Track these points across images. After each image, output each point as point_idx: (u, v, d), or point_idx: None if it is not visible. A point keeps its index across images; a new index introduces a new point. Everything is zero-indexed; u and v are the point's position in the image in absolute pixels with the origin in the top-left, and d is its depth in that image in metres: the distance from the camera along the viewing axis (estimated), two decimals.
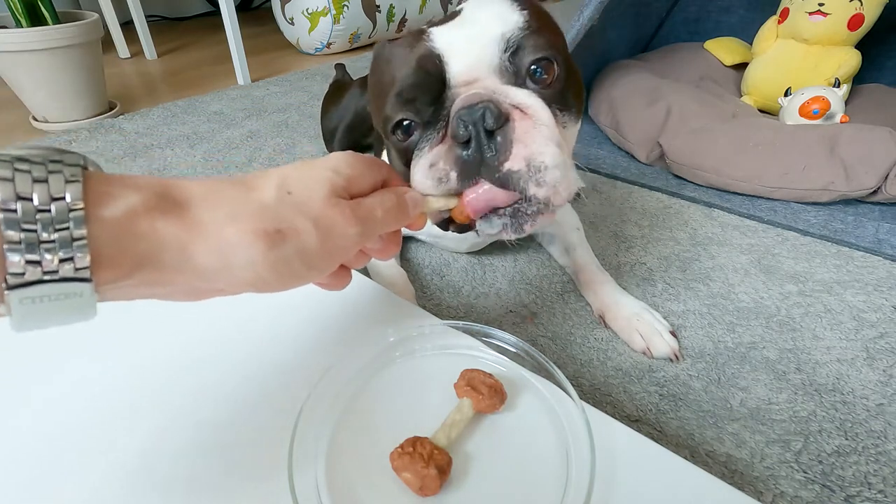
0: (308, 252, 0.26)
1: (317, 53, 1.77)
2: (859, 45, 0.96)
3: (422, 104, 0.38)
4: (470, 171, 0.35)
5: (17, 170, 0.20)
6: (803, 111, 0.89)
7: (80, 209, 0.20)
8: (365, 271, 0.61)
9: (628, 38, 1.24)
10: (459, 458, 0.31)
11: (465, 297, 0.61)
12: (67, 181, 0.20)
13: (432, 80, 0.37)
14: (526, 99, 0.36)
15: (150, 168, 0.92)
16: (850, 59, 0.95)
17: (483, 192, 0.35)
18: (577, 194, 0.39)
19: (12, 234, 0.19)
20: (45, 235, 0.20)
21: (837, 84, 0.90)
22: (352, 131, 0.87)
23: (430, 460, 0.29)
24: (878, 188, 0.75)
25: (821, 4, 0.92)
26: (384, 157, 0.51)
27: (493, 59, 0.37)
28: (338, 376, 0.36)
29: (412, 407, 0.35)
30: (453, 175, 0.36)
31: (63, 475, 0.31)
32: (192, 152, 0.99)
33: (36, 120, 1.13)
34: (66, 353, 0.39)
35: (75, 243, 0.20)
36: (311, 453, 0.31)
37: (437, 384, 0.36)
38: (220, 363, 0.39)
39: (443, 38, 0.38)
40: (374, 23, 1.75)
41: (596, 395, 0.48)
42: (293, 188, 0.27)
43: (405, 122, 0.39)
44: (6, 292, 0.19)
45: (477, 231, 0.38)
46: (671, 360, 0.51)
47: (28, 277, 0.19)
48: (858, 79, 1.00)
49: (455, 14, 0.41)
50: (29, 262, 0.19)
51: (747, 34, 1.15)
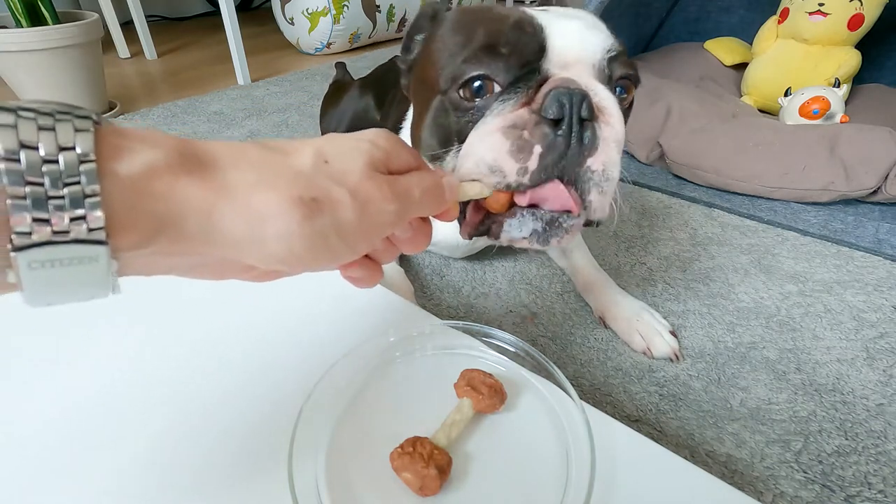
0: (345, 226, 0.24)
1: (317, 53, 1.77)
2: (859, 45, 0.96)
3: (512, 62, 0.34)
4: (556, 154, 0.32)
5: (20, 116, 0.17)
6: (803, 111, 0.89)
7: (92, 161, 0.18)
8: None
9: (628, 38, 1.24)
10: (459, 458, 0.31)
11: (465, 297, 0.61)
12: (77, 130, 0.18)
13: (531, 43, 0.34)
14: (612, 107, 0.34)
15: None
16: (850, 59, 0.95)
17: (551, 186, 0.33)
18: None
19: (16, 189, 0.17)
20: (53, 190, 0.17)
21: (837, 84, 0.90)
22: (351, 132, 0.87)
23: (430, 460, 0.29)
24: (878, 188, 0.75)
25: (821, 4, 0.92)
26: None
27: (595, 54, 0.35)
28: (338, 376, 0.36)
29: (412, 407, 0.35)
30: (537, 149, 0.32)
31: (63, 475, 0.31)
32: None
33: None
34: (65, 354, 0.39)
35: (87, 200, 0.18)
36: (311, 453, 0.31)
37: (437, 384, 0.36)
38: (219, 363, 0.39)
39: (545, 17, 0.36)
40: (374, 23, 1.75)
41: (596, 395, 0.48)
42: (331, 158, 0.25)
43: (479, 82, 0.35)
44: (12, 254, 0.17)
45: (499, 232, 0.35)
46: (671, 359, 0.51)
47: (36, 238, 0.17)
48: (858, 79, 1.00)
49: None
50: (36, 220, 0.17)
51: (747, 34, 1.15)
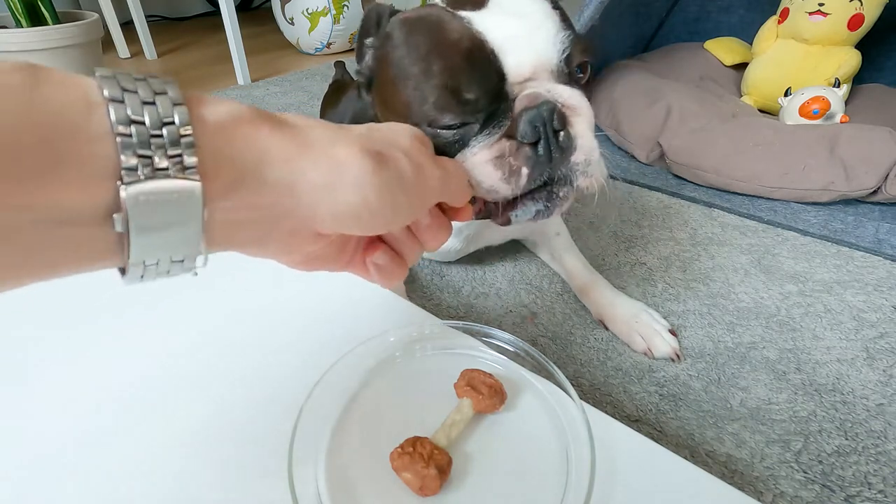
0: (406, 180, 0.26)
1: (317, 53, 1.77)
2: (859, 45, 0.96)
3: (482, 104, 0.36)
4: (541, 168, 0.36)
5: (116, 73, 0.19)
6: (803, 111, 0.89)
7: (183, 105, 0.20)
8: None
9: (628, 38, 1.24)
10: (459, 458, 0.31)
11: (465, 297, 0.61)
12: (167, 83, 0.20)
13: (490, 78, 0.36)
14: (577, 101, 0.37)
15: None
16: (850, 59, 0.95)
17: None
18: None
19: (124, 128, 0.19)
20: (154, 130, 0.19)
21: (837, 84, 0.90)
22: None
23: (430, 460, 0.29)
24: (878, 188, 0.75)
25: (821, 4, 0.92)
26: None
27: (551, 59, 0.37)
28: (338, 376, 0.36)
29: (412, 407, 0.35)
30: (524, 171, 0.36)
31: (62, 475, 0.31)
32: None
33: None
34: (65, 354, 0.39)
35: (183, 140, 0.19)
36: (311, 453, 0.31)
37: (437, 384, 0.36)
38: (219, 363, 0.39)
39: (492, 29, 0.36)
40: None
41: (596, 395, 0.48)
42: (381, 130, 0.28)
43: (457, 123, 0.37)
44: (123, 190, 0.18)
45: (508, 220, 0.39)
46: (672, 359, 0.51)
47: (142, 174, 0.19)
48: (858, 79, 1.00)
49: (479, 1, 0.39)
50: (141, 156, 0.19)
51: (747, 34, 1.15)
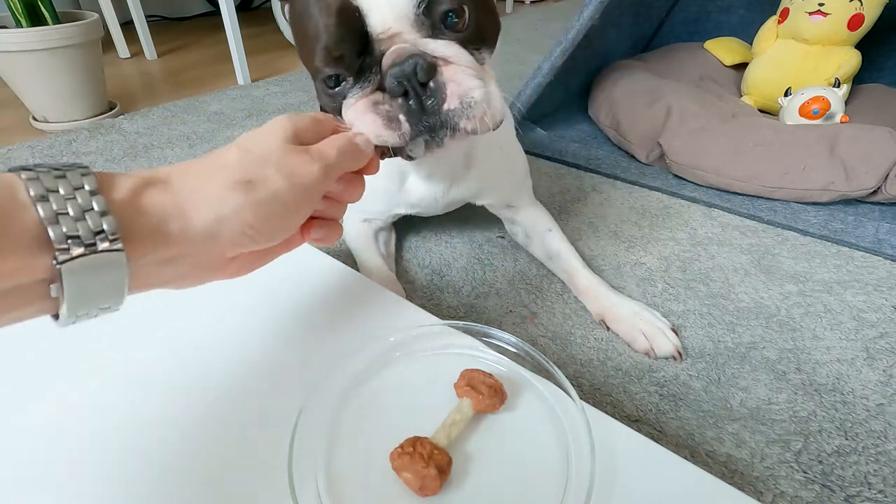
0: (280, 194, 0.30)
1: None
2: (859, 45, 0.96)
3: (349, 60, 0.40)
4: (416, 114, 0.39)
5: (38, 172, 0.24)
6: (803, 111, 0.89)
7: (99, 193, 0.24)
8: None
9: (628, 38, 1.24)
10: (459, 458, 0.31)
11: (465, 297, 0.61)
12: (83, 175, 0.24)
13: (355, 36, 0.39)
14: (446, 50, 0.40)
15: (151, 168, 0.92)
16: (850, 59, 0.95)
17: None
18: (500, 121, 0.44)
19: (52, 219, 0.23)
20: (78, 217, 0.23)
21: (837, 84, 0.90)
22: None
23: (430, 460, 0.29)
24: (878, 188, 0.75)
25: (821, 4, 0.92)
26: None
27: (407, 12, 0.39)
28: (338, 376, 0.36)
29: (412, 407, 0.35)
30: (402, 119, 0.39)
31: (61, 475, 0.31)
32: (192, 152, 0.99)
33: (36, 120, 1.13)
34: (65, 353, 0.39)
35: (103, 219, 0.24)
36: (311, 453, 0.31)
37: (437, 384, 0.36)
38: (219, 363, 0.39)
39: None
40: None
41: (596, 395, 0.48)
42: (250, 146, 0.31)
43: (334, 77, 0.42)
44: (58, 267, 0.23)
45: (410, 153, 0.42)
46: (674, 358, 0.51)
47: (73, 253, 0.23)
48: (858, 79, 1.00)
49: None
50: (70, 237, 0.23)
51: (747, 34, 1.15)
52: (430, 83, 0.39)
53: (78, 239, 0.23)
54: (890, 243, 0.68)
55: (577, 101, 1.16)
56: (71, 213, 0.23)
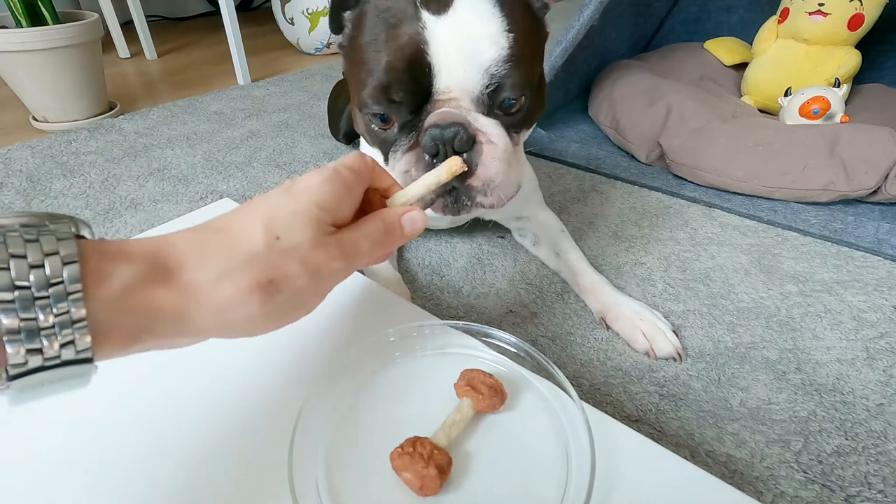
0: (299, 295, 0.27)
1: (317, 53, 1.77)
2: (859, 45, 0.96)
3: (403, 109, 0.41)
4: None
5: (12, 256, 0.19)
6: (803, 111, 0.89)
7: (79, 291, 0.20)
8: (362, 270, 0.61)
9: (628, 38, 1.24)
10: (459, 458, 0.31)
11: (465, 297, 0.61)
12: (65, 263, 0.20)
13: (418, 89, 0.40)
14: (490, 128, 0.41)
15: (150, 168, 0.92)
16: (850, 59, 0.95)
17: None
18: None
19: (11, 323, 0.18)
20: (44, 321, 0.19)
21: (837, 84, 0.90)
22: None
23: (430, 460, 0.29)
24: (878, 188, 0.75)
25: (821, 4, 0.92)
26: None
27: (475, 88, 0.40)
28: (338, 376, 0.36)
29: (412, 407, 0.35)
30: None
31: (60, 475, 0.31)
32: (192, 152, 0.99)
33: (36, 120, 1.13)
34: None
35: (75, 325, 0.19)
36: (311, 453, 0.31)
37: (437, 384, 0.36)
38: (219, 363, 0.39)
39: (436, 37, 0.40)
40: None
41: (596, 395, 0.48)
42: (281, 231, 0.26)
43: (382, 114, 0.42)
44: (8, 384, 0.19)
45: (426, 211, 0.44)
46: (675, 359, 0.51)
47: (31, 366, 0.19)
48: (858, 79, 1.00)
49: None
50: (30, 350, 0.19)
51: (747, 34, 1.15)
52: (463, 156, 0.39)
53: (39, 353, 0.19)
54: (890, 243, 0.68)
55: (577, 101, 1.16)
56: (40, 320, 0.19)
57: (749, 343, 0.53)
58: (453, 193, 0.42)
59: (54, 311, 0.19)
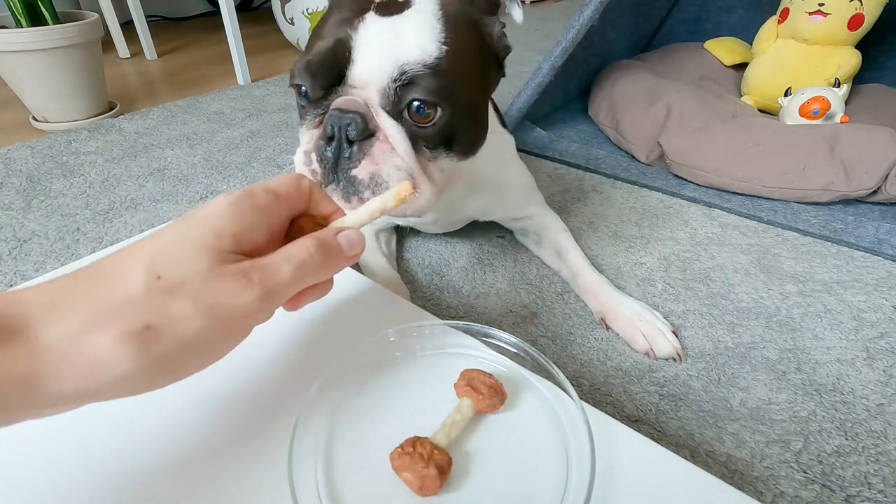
0: (191, 339, 0.22)
1: None
2: (859, 45, 0.96)
3: (316, 82, 0.42)
4: (327, 163, 0.42)
5: None
6: (803, 111, 0.89)
7: None
8: (360, 269, 0.61)
9: (628, 38, 1.24)
10: (459, 458, 0.31)
11: (465, 297, 0.61)
12: None
13: (334, 69, 0.42)
14: (392, 129, 0.41)
15: (150, 168, 0.92)
16: (850, 59, 0.95)
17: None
18: (418, 214, 0.46)
19: None
20: None
21: (837, 84, 0.90)
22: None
23: (430, 460, 0.29)
24: (878, 188, 0.75)
25: (821, 4, 0.93)
26: None
27: (382, 81, 0.41)
28: (337, 376, 0.36)
29: (412, 407, 0.35)
30: (314, 157, 0.42)
31: (59, 475, 0.31)
32: (192, 152, 0.99)
33: (36, 120, 1.13)
34: None
35: None
36: (311, 453, 0.31)
37: (437, 384, 0.36)
38: (218, 363, 0.38)
39: (368, 33, 0.41)
40: None
41: (596, 395, 0.48)
42: (163, 270, 0.22)
43: (301, 88, 0.43)
44: None
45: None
46: (674, 359, 0.51)
47: None
48: (858, 79, 1.00)
49: (403, 5, 0.44)
50: None
51: (747, 34, 1.15)
52: (354, 146, 0.40)
53: None
54: (890, 243, 0.68)
55: (577, 101, 1.16)
56: None
57: (749, 343, 0.53)
58: (341, 184, 0.42)
59: None
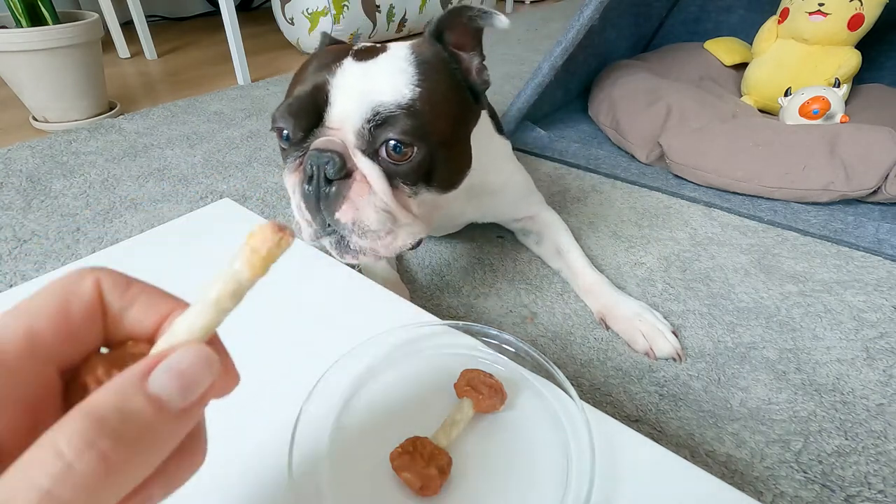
0: None
1: None
2: (859, 45, 0.96)
3: (298, 127, 0.44)
4: (310, 204, 0.43)
5: None
6: (803, 111, 0.89)
7: None
8: (360, 269, 0.61)
9: (628, 38, 1.24)
10: (459, 458, 0.31)
11: (465, 297, 0.61)
12: None
13: (312, 112, 0.44)
14: (368, 169, 0.42)
15: (150, 168, 0.92)
16: (850, 59, 0.95)
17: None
18: (415, 245, 0.48)
19: None
20: None
21: (837, 84, 0.90)
22: None
23: (430, 460, 0.29)
24: (878, 188, 0.75)
25: (821, 4, 0.92)
26: None
27: (357, 122, 0.42)
28: (338, 376, 0.36)
29: (412, 407, 0.35)
30: (303, 205, 0.43)
31: None
32: (192, 152, 0.99)
33: (36, 120, 1.13)
34: None
35: None
36: (311, 453, 0.31)
37: (437, 384, 0.36)
38: None
39: (344, 78, 0.44)
40: (374, 23, 1.75)
41: (596, 395, 0.48)
42: None
43: (282, 131, 0.45)
44: None
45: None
46: (674, 359, 0.51)
47: None
48: (858, 79, 1.00)
49: (378, 52, 0.46)
50: None
51: (747, 34, 1.15)
52: (333, 185, 0.41)
53: None
54: (890, 243, 0.68)
55: (577, 101, 1.16)
56: None
57: (749, 343, 0.53)
58: (333, 233, 0.44)
59: None
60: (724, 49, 1.16)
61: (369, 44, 0.49)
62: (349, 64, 0.45)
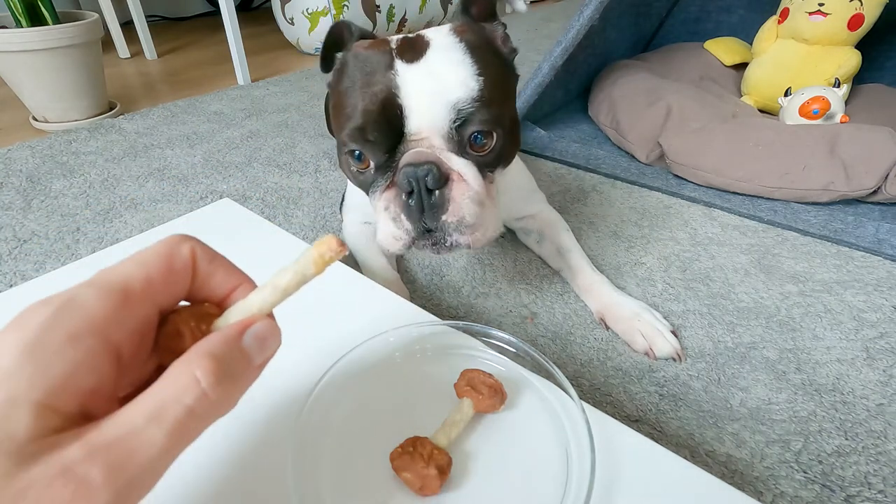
0: None
1: (317, 53, 1.77)
2: (859, 45, 0.96)
3: (378, 148, 0.44)
4: (415, 217, 0.43)
5: None
6: (803, 111, 0.89)
7: None
8: (360, 268, 0.61)
9: (628, 38, 1.24)
10: (459, 458, 0.31)
11: (465, 297, 0.61)
12: None
13: (391, 129, 0.43)
14: (463, 168, 0.43)
15: (150, 168, 0.92)
16: (850, 59, 0.95)
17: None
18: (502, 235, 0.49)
19: None
20: None
21: (837, 84, 0.90)
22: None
23: (430, 460, 0.29)
24: (878, 188, 0.75)
25: (821, 4, 0.92)
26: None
27: (443, 125, 0.43)
28: (338, 376, 0.36)
29: (412, 407, 0.35)
30: (404, 217, 0.43)
31: None
32: (192, 152, 0.99)
33: (36, 120, 1.13)
34: None
35: None
36: (311, 453, 0.31)
37: (437, 384, 0.36)
38: None
39: (408, 85, 0.43)
40: (375, 23, 1.75)
41: (596, 395, 0.48)
42: None
43: (358, 153, 0.45)
44: None
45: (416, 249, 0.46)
46: (674, 359, 0.51)
47: None
48: (858, 79, 1.00)
49: (423, 45, 0.45)
50: None
51: (747, 34, 1.15)
52: (436, 192, 0.42)
53: None
54: (890, 243, 0.68)
55: (577, 101, 1.16)
56: None
57: (749, 343, 0.53)
58: (430, 235, 0.44)
59: None
60: (724, 49, 1.16)
61: (398, 36, 0.48)
62: (404, 68, 0.43)
